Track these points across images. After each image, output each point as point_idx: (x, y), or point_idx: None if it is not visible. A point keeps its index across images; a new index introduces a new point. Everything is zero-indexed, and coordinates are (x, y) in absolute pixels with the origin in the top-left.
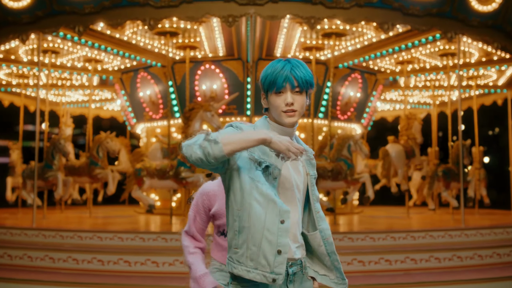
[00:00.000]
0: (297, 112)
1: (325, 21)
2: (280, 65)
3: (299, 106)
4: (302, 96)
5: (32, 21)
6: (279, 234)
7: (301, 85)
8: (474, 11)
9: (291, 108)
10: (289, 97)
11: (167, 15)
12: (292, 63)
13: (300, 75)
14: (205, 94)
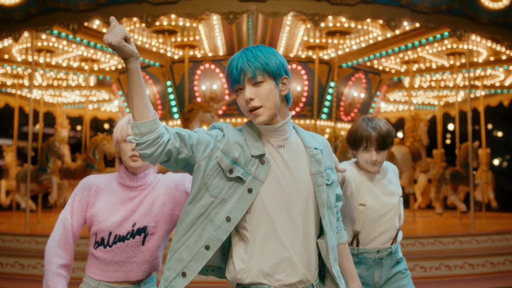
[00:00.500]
0: (263, 108)
1: (330, 18)
2: (233, 56)
3: (263, 100)
4: (265, 85)
5: (24, 19)
6: (195, 259)
7: (254, 71)
8: (484, 8)
9: (252, 106)
10: (247, 92)
11: (165, 12)
12: (246, 50)
13: (252, 60)
14: (205, 95)
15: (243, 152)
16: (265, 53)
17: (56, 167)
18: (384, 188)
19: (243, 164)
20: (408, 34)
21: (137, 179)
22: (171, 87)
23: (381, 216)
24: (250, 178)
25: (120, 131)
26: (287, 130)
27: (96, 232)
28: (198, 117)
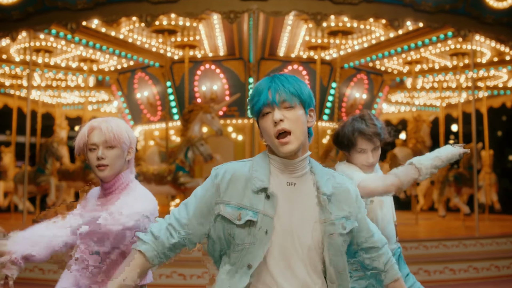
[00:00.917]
0: (293, 135)
1: (332, 18)
2: (261, 82)
3: (293, 125)
4: (295, 111)
5: (22, 18)
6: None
7: (287, 95)
8: (488, 7)
9: (282, 128)
10: (276, 113)
11: (164, 11)
12: (277, 75)
13: (286, 85)
14: (205, 95)
15: (247, 190)
16: (297, 81)
17: (54, 169)
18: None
19: (249, 205)
20: (411, 34)
21: (106, 184)
22: (171, 88)
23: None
24: (261, 216)
25: (83, 141)
26: (304, 166)
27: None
28: (198, 118)
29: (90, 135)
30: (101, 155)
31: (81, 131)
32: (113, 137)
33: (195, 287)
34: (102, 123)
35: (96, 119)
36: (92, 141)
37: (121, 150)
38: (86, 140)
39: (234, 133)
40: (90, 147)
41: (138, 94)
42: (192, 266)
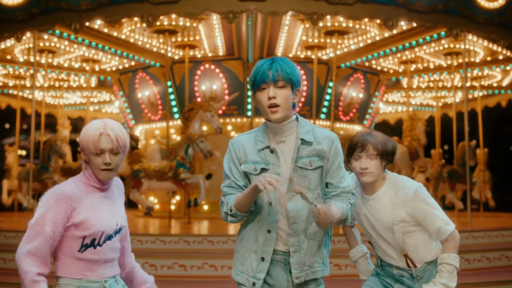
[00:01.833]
0: (281, 107)
1: (328, 18)
2: (262, 62)
3: (282, 100)
4: (285, 90)
5: (27, 19)
6: (265, 243)
7: (282, 78)
8: (480, 7)
9: (273, 102)
10: (271, 91)
11: (165, 12)
12: (274, 59)
13: (280, 68)
14: (205, 95)
15: (254, 151)
16: (292, 65)
17: (57, 166)
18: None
19: (260, 160)
20: (405, 34)
21: (105, 182)
22: (172, 87)
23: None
24: (271, 165)
25: (93, 144)
26: (290, 128)
27: (86, 235)
28: (198, 116)
29: (98, 140)
30: (109, 161)
31: (89, 133)
32: (121, 145)
33: (195, 278)
34: (110, 130)
35: (101, 123)
36: (100, 146)
37: (124, 155)
38: (94, 145)
39: (233, 131)
40: (96, 152)
41: (139, 94)
42: (192, 257)
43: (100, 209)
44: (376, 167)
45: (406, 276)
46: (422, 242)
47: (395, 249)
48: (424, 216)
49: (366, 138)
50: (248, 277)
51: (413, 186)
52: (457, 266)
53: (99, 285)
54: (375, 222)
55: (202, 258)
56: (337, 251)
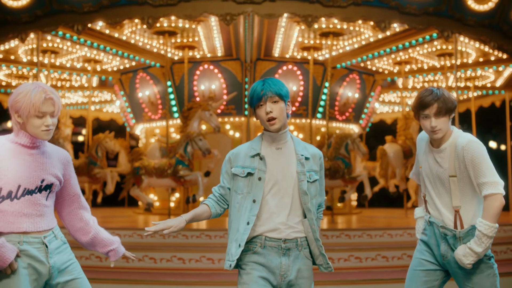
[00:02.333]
0: (277, 119)
1: (323, 20)
2: (256, 84)
3: (278, 113)
4: (278, 104)
5: (31, 20)
6: (243, 233)
7: (274, 94)
8: (470, 10)
9: (271, 116)
10: (267, 106)
11: (165, 14)
12: (265, 80)
13: (272, 87)
14: (204, 94)
15: (246, 158)
16: (280, 84)
17: None
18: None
19: (249, 165)
20: (398, 36)
21: (37, 140)
22: (171, 87)
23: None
24: (257, 171)
25: (33, 107)
26: (286, 137)
27: (1, 187)
28: (197, 115)
29: (41, 104)
30: (50, 123)
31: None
32: (59, 109)
33: (193, 270)
34: (51, 94)
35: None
36: (42, 109)
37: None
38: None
39: (232, 130)
40: (38, 114)
41: (139, 93)
42: (190, 251)
43: (20, 164)
44: (444, 123)
45: (449, 235)
46: (476, 204)
47: (448, 205)
48: (473, 168)
49: (433, 99)
50: (229, 261)
51: (467, 138)
52: (485, 233)
53: (38, 240)
54: (437, 174)
55: (200, 251)
56: (330, 245)
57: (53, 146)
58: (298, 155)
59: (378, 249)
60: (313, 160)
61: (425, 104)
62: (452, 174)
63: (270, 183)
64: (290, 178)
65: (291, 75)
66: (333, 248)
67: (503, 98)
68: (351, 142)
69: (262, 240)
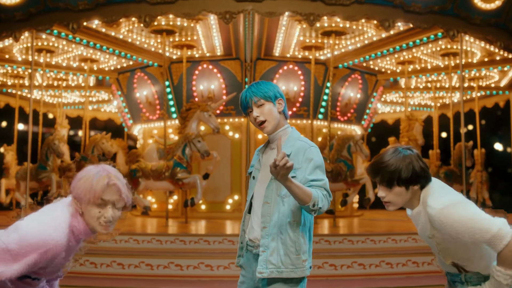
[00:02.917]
0: (267, 122)
1: (325, 19)
2: (243, 91)
3: (266, 115)
4: (265, 106)
5: (25, 19)
6: (242, 234)
7: (258, 98)
8: (476, 8)
9: (259, 120)
10: (254, 112)
11: (163, 12)
12: (249, 87)
13: (254, 90)
14: (203, 95)
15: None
16: (263, 85)
17: (55, 165)
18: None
19: (252, 164)
20: (402, 35)
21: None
22: (170, 87)
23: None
24: (253, 170)
25: (94, 194)
26: (284, 136)
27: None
28: (195, 116)
29: (102, 191)
30: (110, 218)
31: (89, 181)
32: (126, 201)
33: (191, 277)
34: (116, 179)
35: (103, 171)
36: (105, 197)
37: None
38: (99, 195)
39: (231, 131)
40: (98, 202)
41: (137, 94)
42: (188, 257)
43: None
44: (395, 196)
45: (457, 280)
46: (478, 256)
47: (444, 263)
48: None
49: (378, 167)
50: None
51: (437, 206)
52: (504, 283)
53: None
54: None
55: (198, 257)
56: (332, 251)
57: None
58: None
59: (382, 255)
60: (295, 156)
61: (370, 170)
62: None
63: (260, 185)
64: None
65: (292, 75)
66: (335, 254)
67: (507, 99)
68: (354, 144)
69: (245, 243)
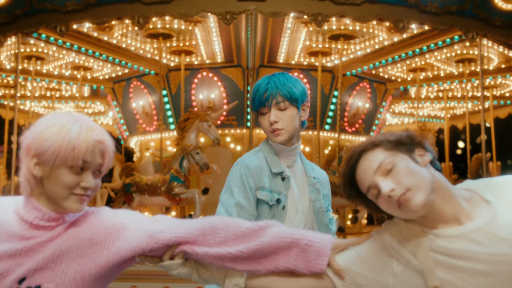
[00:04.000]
0: (284, 130)
1: (333, 21)
2: (260, 82)
3: (285, 124)
4: (287, 112)
5: (10, 21)
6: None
7: (282, 99)
8: (497, 9)
9: (275, 128)
10: (272, 115)
11: (157, 13)
12: (271, 78)
13: (280, 87)
14: (202, 104)
15: (266, 174)
16: (291, 81)
17: None
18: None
19: (275, 188)
20: (415, 39)
21: (55, 217)
22: (167, 97)
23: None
24: (282, 196)
25: (74, 151)
26: (296, 153)
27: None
28: (194, 126)
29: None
30: (91, 184)
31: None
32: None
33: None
34: (102, 135)
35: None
36: (86, 158)
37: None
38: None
39: (232, 143)
40: (78, 165)
41: (133, 104)
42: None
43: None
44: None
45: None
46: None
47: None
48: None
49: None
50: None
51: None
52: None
53: None
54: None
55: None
56: None
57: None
58: (310, 178)
59: None
60: (324, 183)
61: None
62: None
63: (294, 214)
64: (303, 207)
65: None
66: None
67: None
68: None
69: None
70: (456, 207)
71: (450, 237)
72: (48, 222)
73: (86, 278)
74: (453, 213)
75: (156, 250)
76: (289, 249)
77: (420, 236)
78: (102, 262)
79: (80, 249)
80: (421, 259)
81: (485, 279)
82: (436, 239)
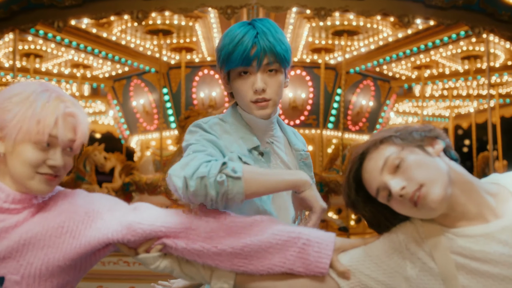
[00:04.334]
0: (272, 101)
1: (337, 16)
2: (241, 31)
3: (274, 93)
4: (277, 77)
5: (7, 17)
6: None
7: (274, 59)
8: (504, 3)
9: (262, 97)
10: (258, 80)
11: (156, 7)
12: (258, 27)
13: (274, 43)
14: (203, 102)
15: (237, 149)
16: (280, 33)
17: None
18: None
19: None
20: (420, 35)
21: (20, 199)
22: (168, 95)
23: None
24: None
25: (39, 124)
26: (274, 127)
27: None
28: None
29: (57, 120)
30: (59, 163)
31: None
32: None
33: None
34: (75, 107)
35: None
36: (56, 133)
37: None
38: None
39: None
40: (44, 140)
41: (134, 102)
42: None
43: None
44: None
45: None
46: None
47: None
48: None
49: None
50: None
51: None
52: None
53: None
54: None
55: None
56: None
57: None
58: (299, 152)
59: None
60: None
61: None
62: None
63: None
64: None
65: (300, 81)
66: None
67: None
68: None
69: None
70: (480, 202)
71: (473, 237)
72: (13, 205)
73: (54, 270)
74: (477, 209)
75: (133, 242)
76: (284, 248)
77: (439, 235)
78: (72, 253)
79: (48, 237)
80: (439, 261)
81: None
82: (457, 239)
